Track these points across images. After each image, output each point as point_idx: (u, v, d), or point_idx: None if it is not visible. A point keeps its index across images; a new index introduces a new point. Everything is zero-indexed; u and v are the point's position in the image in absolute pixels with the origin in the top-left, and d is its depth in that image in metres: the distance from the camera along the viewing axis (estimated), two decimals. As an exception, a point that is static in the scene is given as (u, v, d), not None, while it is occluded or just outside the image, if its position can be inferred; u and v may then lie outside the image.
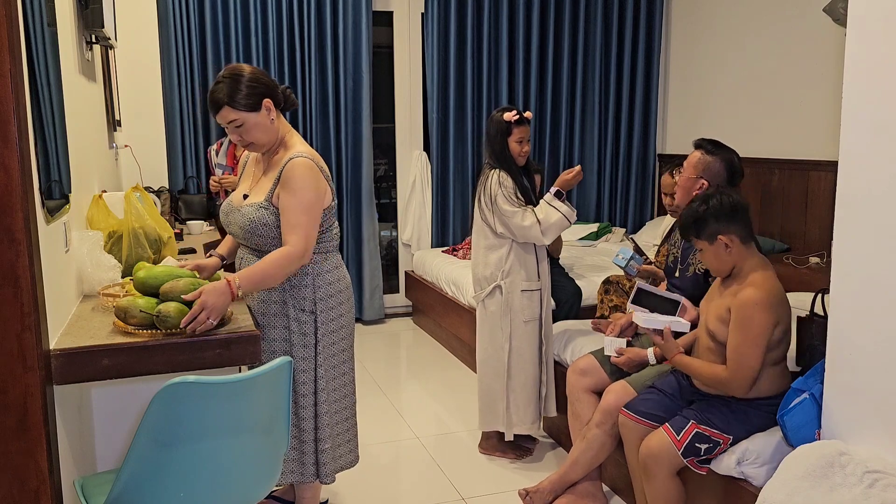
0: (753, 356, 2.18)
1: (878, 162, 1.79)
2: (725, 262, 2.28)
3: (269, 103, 2.24)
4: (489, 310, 3.11)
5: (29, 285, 1.62)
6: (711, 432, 2.26)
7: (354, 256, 5.24)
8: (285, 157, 2.25)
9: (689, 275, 2.65)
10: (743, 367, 2.19)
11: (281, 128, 2.32)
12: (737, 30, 4.95)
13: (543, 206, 2.98)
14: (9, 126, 1.56)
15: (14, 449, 1.65)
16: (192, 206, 4.56)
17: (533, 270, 3.08)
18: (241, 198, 2.35)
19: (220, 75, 2.23)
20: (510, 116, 3.04)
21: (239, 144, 2.30)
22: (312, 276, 2.33)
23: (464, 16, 5.21)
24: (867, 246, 1.83)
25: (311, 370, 2.35)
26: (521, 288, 3.06)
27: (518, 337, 3.08)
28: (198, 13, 4.68)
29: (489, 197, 3.02)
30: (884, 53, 1.76)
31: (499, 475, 3.09)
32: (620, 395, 2.57)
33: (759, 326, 2.17)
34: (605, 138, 5.71)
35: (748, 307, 2.18)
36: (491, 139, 3.08)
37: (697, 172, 2.63)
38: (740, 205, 2.26)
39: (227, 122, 2.22)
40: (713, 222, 2.25)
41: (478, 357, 3.19)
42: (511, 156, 3.05)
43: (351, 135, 5.10)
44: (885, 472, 1.75)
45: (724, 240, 2.24)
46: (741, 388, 2.22)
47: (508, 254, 3.05)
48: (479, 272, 3.12)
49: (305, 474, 2.39)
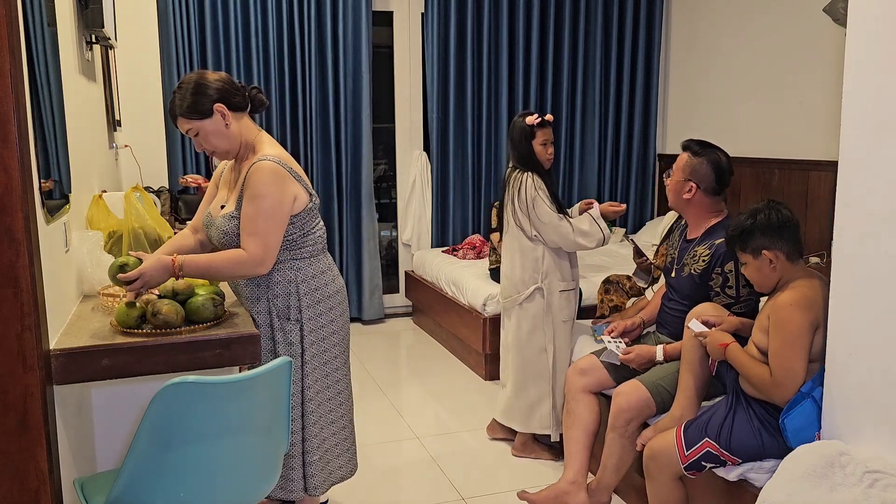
0: (794, 358, 2.06)
1: (878, 162, 1.79)
2: (768, 277, 2.21)
3: (222, 108, 2.18)
4: (530, 312, 3.09)
5: (29, 285, 1.62)
6: (724, 454, 2.18)
7: (354, 256, 5.24)
8: (251, 162, 2.20)
9: (684, 275, 2.65)
10: (786, 371, 2.07)
11: (246, 132, 2.25)
12: (737, 30, 4.94)
13: (588, 219, 3.03)
14: (9, 126, 1.56)
15: (14, 449, 1.65)
16: (192, 206, 4.54)
17: (567, 271, 3.11)
18: (219, 208, 2.30)
19: (177, 86, 2.21)
20: (532, 120, 3.06)
21: (204, 152, 2.28)
22: (295, 283, 2.27)
23: (464, 16, 5.21)
24: (867, 246, 1.83)
25: (297, 381, 2.30)
26: (560, 289, 3.08)
27: (560, 337, 3.11)
28: (198, 13, 4.68)
29: (524, 201, 3.01)
30: (884, 53, 1.76)
31: (499, 475, 3.08)
32: (631, 395, 2.55)
33: (797, 327, 2.07)
34: (605, 138, 5.70)
35: (784, 309, 2.10)
36: (516, 144, 3.10)
37: (685, 175, 2.63)
38: (790, 221, 2.19)
39: (185, 131, 2.20)
40: (759, 237, 2.19)
41: (514, 361, 3.16)
42: (538, 159, 3.07)
43: (351, 135, 5.10)
44: (885, 472, 1.75)
45: (769, 255, 2.18)
46: (785, 392, 2.08)
47: (544, 255, 3.06)
48: (517, 275, 3.10)
49: (294, 490, 2.34)
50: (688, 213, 2.70)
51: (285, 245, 2.25)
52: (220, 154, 2.26)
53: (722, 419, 2.22)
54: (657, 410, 2.54)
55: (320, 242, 2.35)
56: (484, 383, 4.16)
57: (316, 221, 2.33)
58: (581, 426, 2.75)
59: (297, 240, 2.26)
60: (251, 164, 2.19)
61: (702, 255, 2.59)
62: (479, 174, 5.45)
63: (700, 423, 2.25)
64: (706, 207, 2.65)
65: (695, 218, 2.68)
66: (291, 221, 2.23)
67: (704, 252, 2.58)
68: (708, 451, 2.20)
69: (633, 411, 2.54)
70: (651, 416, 2.57)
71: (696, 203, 2.64)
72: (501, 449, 3.32)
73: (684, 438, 2.24)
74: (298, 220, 2.24)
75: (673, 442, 2.26)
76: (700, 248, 2.61)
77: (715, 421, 2.23)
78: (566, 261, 3.11)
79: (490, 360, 4.16)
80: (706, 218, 2.66)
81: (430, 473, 3.12)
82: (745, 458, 2.18)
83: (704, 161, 2.61)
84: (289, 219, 2.21)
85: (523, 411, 3.16)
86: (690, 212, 2.68)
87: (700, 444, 2.21)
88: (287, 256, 2.26)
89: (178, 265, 2.06)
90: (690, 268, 2.63)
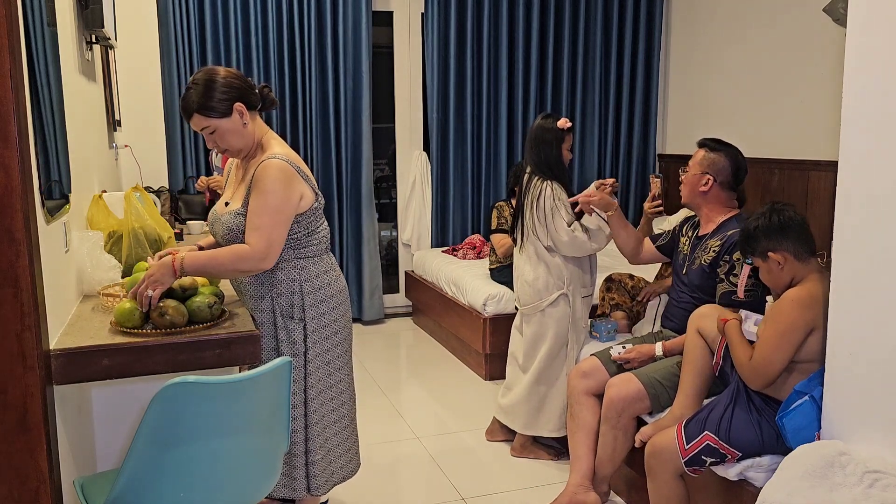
0: (777, 351, 2.10)
1: (878, 162, 1.79)
2: (780, 278, 2.21)
3: (241, 107, 2.17)
4: (553, 318, 3.07)
5: (29, 285, 1.62)
6: (724, 447, 2.19)
7: (354, 256, 5.24)
8: (260, 161, 2.19)
9: (694, 268, 2.68)
10: (764, 360, 2.11)
11: (257, 130, 2.25)
12: (737, 30, 4.95)
13: (596, 219, 3.00)
14: (9, 126, 1.56)
15: (14, 449, 1.65)
16: (192, 206, 4.56)
17: (588, 277, 3.11)
18: (224, 205, 2.30)
19: (190, 80, 2.18)
20: (563, 124, 3.00)
21: (215, 150, 2.26)
22: (299, 282, 2.27)
23: (464, 16, 5.21)
24: (867, 246, 1.83)
25: (300, 380, 2.29)
26: (582, 294, 3.09)
27: (580, 342, 3.12)
28: (198, 13, 4.68)
29: (542, 211, 2.97)
30: (884, 53, 1.76)
31: (499, 475, 3.08)
32: (622, 388, 2.58)
33: (790, 322, 2.09)
34: (605, 138, 5.71)
35: (784, 302, 2.13)
36: (545, 148, 3.00)
37: (703, 168, 2.67)
38: (792, 221, 2.18)
39: (200, 129, 2.18)
40: (763, 240, 2.19)
41: (532, 365, 3.13)
42: (564, 165, 3.03)
43: (351, 135, 5.10)
44: (885, 472, 1.75)
45: (776, 257, 2.18)
46: (754, 379, 2.14)
47: (566, 262, 3.03)
48: (540, 282, 3.05)
49: (297, 489, 2.34)
50: (702, 207, 2.71)
51: (290, 244, 2.25)
52: (233, 152, 2.26)
53: (721, 412, 2.24)
54: (651, 403, 2.56)
55: (324, 242, 2.34)
56: (484, 383, 4.16)
57: (321, 221, 2.33)
58: (585, 429, 2.75)
59: (301, 239, 2.26)
60: (259, 162, 2.18)
61: (713, 246, 2.62)
62: (479, 174, 5.45)
63: (700, 418, 2.26)
64: (721, 202, 2.67)
65: (708, 212, 2.70)
66: (297, 220, 2.23)
67: (716, 244, 2.61)
68: (708, 445, 2.20)
69: (624, 402, 2.56)
70: (645, 411, 2.58)
71: (711, 197, 2.66)
72: (501, 449, 3.32)
73: (685, 433, 2.25)
74: (304, 219, 2.24)
75: (674, 438, 2.27)
76: (712, 241, 2.63)
77: (715, 414, 2.25)
78: (587, 266, 3.10)
79: (490, 360, 4.16)
80: (720, 212, 2.68)
81: (430, 473, 3.12)
82: (745, 451, 2.19)
83: (722, 155, 2.65)
84: (294, 217, 2.21)
85: (530, 414, 3.15)
86: (705, 206, 2.70)
87: (700, 437, 2.21)
88: (291, 255, 2.26)
89: (178, 262, 2.05)
90: (701, 259, 2.65)
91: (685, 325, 2.56)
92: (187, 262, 2.07)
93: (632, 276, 3.45)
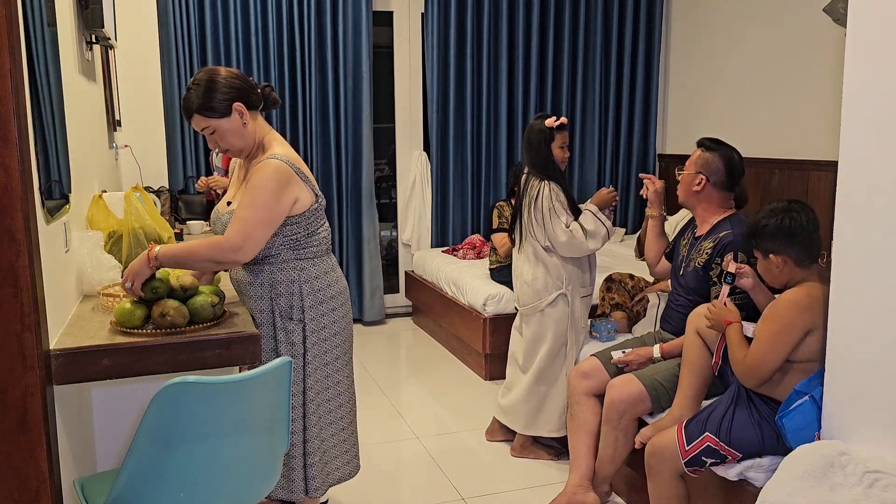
0: (771, 351, 2.10)
1: (878, 162, 1.79)
2: (776, 277, 2.22)
3: (241, 107, 2.17)
4: (552, 318, 3.07)
5: (29, 285, 1.62)
6: (724, 448, 2.19)
7: (354, 256, 5.24)
8: (260, 161, 2.18)
9: (689, 270, 2.68)
10: (757, 360, 2.12)
11: (258, 130, 2.25)
12: (737, 30, 4.94)
13: (591, 217, 2.99)
14: (9, 126, 1.56)
15: (14, 449, 1.65)
16: (192, 206, 4.56)
17: (587, 276, 3.11)
18: (226, 205, 2.30)
19: (192, 80, 2.18)
20: (552, 122, 3.00)
21: (217, 150, 2.27)
22: (299, 283, 2.27)
23: (464, 16, 5.21)
24: (867, 246, 1.82)
25: (299, 381, 2.29)
26: (581, 294, 3.09)
27: (579, 342, 3.12)
28: (198, 13, 4.68)
29: (540, 211, 2.98)
30: (884, 53, 1.76)
31: (499, 475, 3.08)
32: (623, 389, 2.57)
33: (787, 323, 2.09)
34: (605, 138, 5.71)
35: (782, 302, 2.14)
36: (535, 148, 3.02)
37: (696, 168, 2.67)
38: (802, 227, 2.16)
39: (200, 129, 2.19)
40: (769, 240, 2.19)
41: (532, 366, 3.14)
42: (556, 163, 3.03)
43: (351, 135, 5.10)
44: (885, 472, 1.75)
45: (777, 260, 2.18)
46: (747, 377, 2.15)
47: (564, 261, 3.04)
48: (539, 282, 3.06)
49: (295, 491, 2.33)
50: (696, 207, 2.71)
51: (290, 245, 2.24)
52: (233, 153, 2.26)
53: (722, 413, 2.24)
54: (652, 405, 2.56)
55: (325, 243, 2.34)
56: (484, 383, 4.16)
57: (321, 222, 2.32)
58: (585, 430, 2.75)
59: (301, 240, 2.26)
60: (259, 162, 2.19)
61: (706, 248, 2.61)
62: (479, 174, 5.45)
63: (701, 419, 2.26)
64: (715, 202, 2.66)
65: (702, 212, 2.70)
66: (296, 221, 2.22)
67: (708, 245, 2.61)
68: (708, 446, 2.20)
69: (626, 404, 2.56)
70: (646, 412, 2.58)
71: (705, 197, 2.66)
72: (501, 449, 3.32)
73: (685, 434, 2.25)
74: (303, 219, 2.23)
75: (674, 439, 2.26)
76: (705, 243, 2.63)
77: (716, 415, 2.24)
78: (586, 265, 3.10)
79: (490, 360, 4.16)
80: (714, 213, 2.67)
81: (430, 473, 3.12)
82: (745, 452, 2.19)
83: (717, 156, 2.64)
84: (282, 220, 2.19)
85: (530, 414, 3.15)
86: (699, 206, 2.70)
87: (700, 438, 2.21)
88: (291, 256, 2.26)
89: (153, 253, 2.06)
90: (695, 261, 2.65)
91: (683, 328, 2.56)
92: (162, 253, 2.07)
93: (632, 276, 3.46)
